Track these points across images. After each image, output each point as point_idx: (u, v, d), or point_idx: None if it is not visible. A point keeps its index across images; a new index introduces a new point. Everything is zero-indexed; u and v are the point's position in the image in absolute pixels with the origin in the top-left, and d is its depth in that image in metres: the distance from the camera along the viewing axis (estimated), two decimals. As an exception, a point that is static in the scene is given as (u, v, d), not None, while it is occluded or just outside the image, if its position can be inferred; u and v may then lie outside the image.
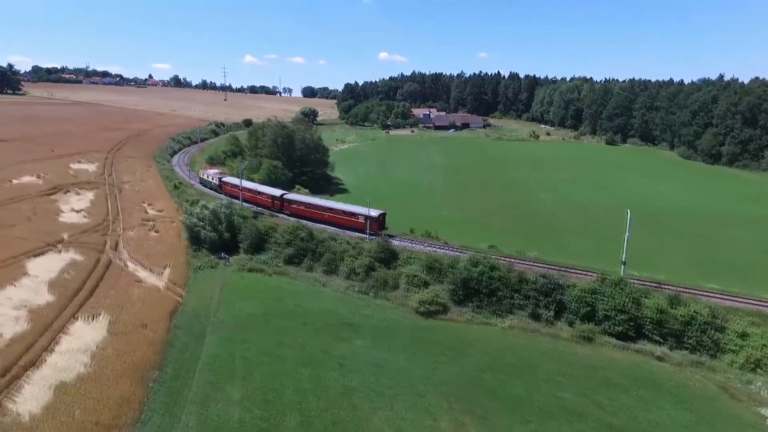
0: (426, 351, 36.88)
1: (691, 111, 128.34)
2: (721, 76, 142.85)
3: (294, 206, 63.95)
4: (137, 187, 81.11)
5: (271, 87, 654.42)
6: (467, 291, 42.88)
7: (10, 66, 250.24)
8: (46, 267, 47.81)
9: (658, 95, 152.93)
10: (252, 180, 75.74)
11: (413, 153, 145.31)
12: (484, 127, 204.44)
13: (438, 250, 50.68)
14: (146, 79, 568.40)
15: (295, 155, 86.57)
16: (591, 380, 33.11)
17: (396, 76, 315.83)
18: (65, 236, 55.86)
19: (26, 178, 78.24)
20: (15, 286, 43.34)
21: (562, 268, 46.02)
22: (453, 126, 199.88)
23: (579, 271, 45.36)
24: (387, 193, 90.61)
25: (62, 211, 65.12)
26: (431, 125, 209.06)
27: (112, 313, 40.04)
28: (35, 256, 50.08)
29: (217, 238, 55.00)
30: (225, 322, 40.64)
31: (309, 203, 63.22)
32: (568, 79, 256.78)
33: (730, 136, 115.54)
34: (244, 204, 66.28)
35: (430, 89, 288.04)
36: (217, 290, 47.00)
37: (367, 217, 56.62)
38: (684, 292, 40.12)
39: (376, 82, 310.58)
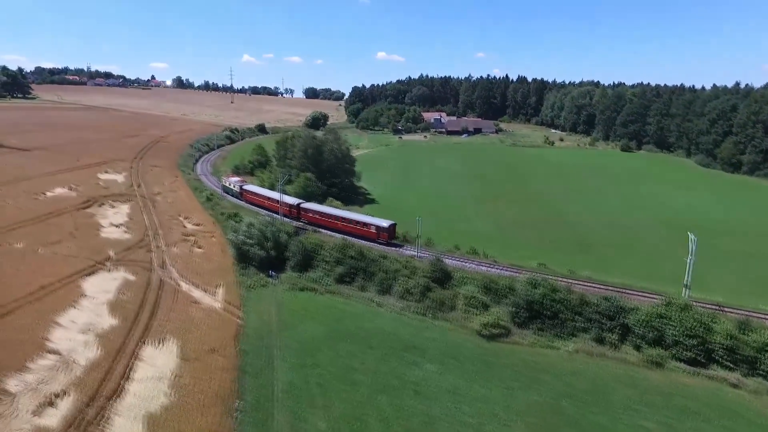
0: (498, 376, 36.98)
1: (710, 119, 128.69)
2: (737, 84, 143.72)
3: (310, 215, 66.72)
4: (169, 198, 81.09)
5: (272, 88, 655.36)
6: (530, 313, 42.98)
7: (21, 70, 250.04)
8: (100, 287, 47.94)
9: (672, 102, 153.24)
10: (285, 192, 76.08)
11: (431, 160, 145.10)
12: (497, 132, 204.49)
13: (490, 269, 50.80)
14: (149, 80, 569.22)
15: (324, 166, 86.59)
16: (670, 408, 33.21)
17: (403, 79, 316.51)
18: (111, 254, 55.99)
19: (59, 190, 78.32)
20: (76, 308, 43.51)
21: (619, 289, 46.17)
22: (465, 131, 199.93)
23: (637, 293, 45.53)
24: (415, 204, 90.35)
25: (102, 226, 65.21)
26: (443, 130, 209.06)
27: (178, 338, 40.14)
28: (87, 275, 50.25)
29: (265, 256, 55.04)
30: (290, 346, 40.63)
31: (323, 212, 65.84)
32: (576, 82, 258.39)
33: (751, 145, 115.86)
34: (283, 218, 66.42)
35: (438, 93, 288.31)
36: (273, 311, 47.04)
37: (378, 227, 59.34)
38: (747, 315, 40.24)
39: (384, 85, 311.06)
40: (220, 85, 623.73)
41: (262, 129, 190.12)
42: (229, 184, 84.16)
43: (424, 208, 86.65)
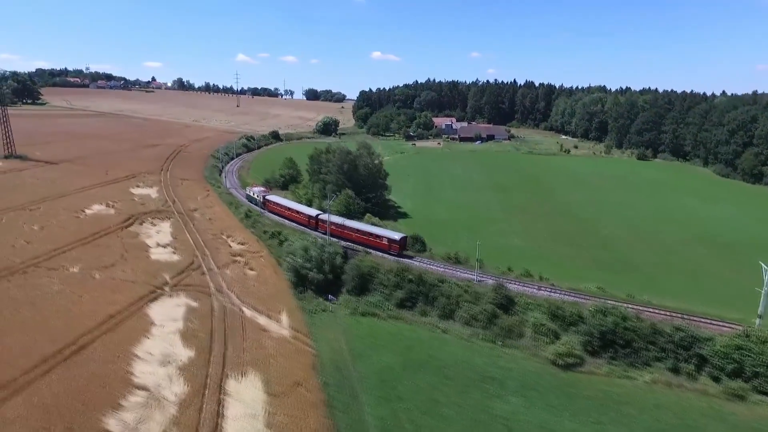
0: (583, 409, 37.19)
1: (729, 129, 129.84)
2: (755, 93, 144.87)
3: (327, 226, 68.54)
4: (207, 215, 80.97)
5: (273, 89, 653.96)
6: (602, 342, 43.30)
7: (30, 75, 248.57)
8: (166, 314, 47.87)
9: (688, 111, 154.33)
10: (323, 209, 76.50)
11: (449, 168, 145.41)
12: (509, 138, 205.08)
13: (552, 294, 51.04)
14: (150, 81, 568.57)
15: (360, 181, 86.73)
16: (764, 445, 33.59)
17: (410, 83, 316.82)
18: (167, 278, 55.85)
19: (97, 207, 78.08)
20: (149, 338, 43.47)
21: (682, 315, 46.39)
22: (479, 138, 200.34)
23: (702, 320, 45.79)
24: (446, 217, 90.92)
25: (149, 246, 65.08)
26: (456, 137, 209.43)
27: (259, 370, 40.13)
28: (150, 301, 50.19)
29: (323, 279, 55.16)
30: (369, 378, 40.73)
31: (340, 224, 68.23)
32: (582, 87, 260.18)
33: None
34: (337, 240, 66.27)
35: (446, 97, 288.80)
36: (341, 338, 47.10)
37: (390, 240, 62.35)
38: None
39: (391, 89, 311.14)
40: (220, 86, 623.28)
41: (276, 136, 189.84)
42: (253, 194, 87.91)
43: (456, 222, 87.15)
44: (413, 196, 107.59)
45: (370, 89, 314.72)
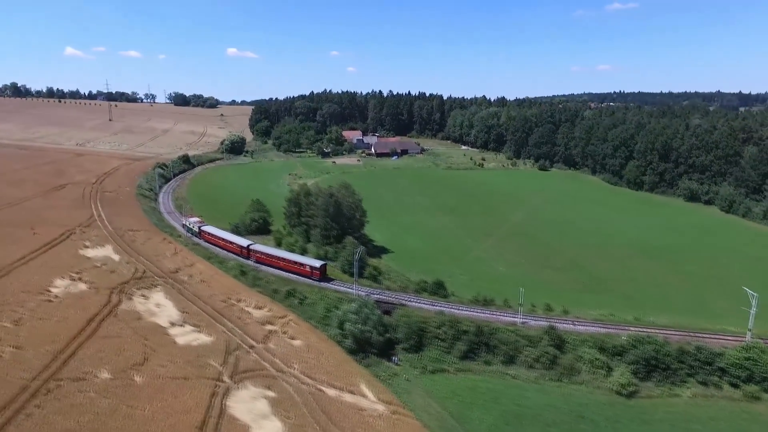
0: (666, 435, 45.15)
1: (613, 145, 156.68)
2: (622, 112, 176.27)
3: (258, 255, 77.50)
4: (195, 276, 73.65)
5: (131, 93, 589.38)
6: (648, 368, 52.10)
7: None
8: (252, 411, 44.90)
9: (575, 126, 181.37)
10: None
11: (387, 189, 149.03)
12: (421, 152, 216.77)
13: (588, 327, 58.98)
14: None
15: (344, 222, 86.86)
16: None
17: (306, 94, 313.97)
18: (217, 366, 51.34)
19: (61, 283, 66.29)
20: (259, 446, 40.61)
21: (689, 333, 57.72)
22: (395, 153, 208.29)
23: (705, 335, 57.52)
24: (422, 247, 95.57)
25: (164, 328, 58.28)
26: (372, 152, 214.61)
27: (394, 458, 40.47)
28: (222, 399, 46.11)
29: (383, 341, 55.89)
30: (487, 442, 43.77)
31: (269, 254, 76.72)
32: (467, 97, 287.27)
33: (649, 168, 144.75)
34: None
35: (347, 109, 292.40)
36: (431, 402, 49.01)
37: (311, 267, 70.97)
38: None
39: (288, 99, 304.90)
40: (65, 90, 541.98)
41: (186, 160, 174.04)
42: (190, 224, 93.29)
43: (436, 253, 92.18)
44: (375, 225, 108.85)
45: (267, 99, 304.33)
